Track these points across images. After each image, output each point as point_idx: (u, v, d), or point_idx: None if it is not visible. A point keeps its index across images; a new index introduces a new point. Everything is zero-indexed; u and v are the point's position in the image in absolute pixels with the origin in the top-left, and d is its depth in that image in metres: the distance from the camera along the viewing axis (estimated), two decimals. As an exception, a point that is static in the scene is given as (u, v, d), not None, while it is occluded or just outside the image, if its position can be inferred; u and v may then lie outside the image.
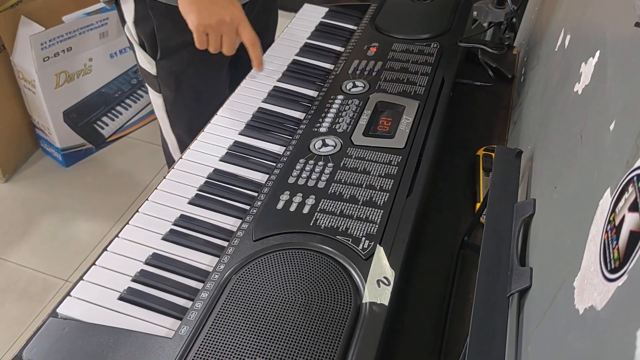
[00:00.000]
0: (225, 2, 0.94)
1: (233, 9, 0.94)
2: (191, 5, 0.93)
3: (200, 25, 0.92)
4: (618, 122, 0.41)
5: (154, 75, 1.09)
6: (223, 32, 0.94)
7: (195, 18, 0.92)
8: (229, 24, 0.93)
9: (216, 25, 0.92)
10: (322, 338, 0.56)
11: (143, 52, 1.07)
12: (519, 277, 0.54)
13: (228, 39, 0.95)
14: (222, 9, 0.93)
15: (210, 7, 0.92)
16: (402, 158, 0.77)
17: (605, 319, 0.33)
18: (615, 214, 0.36)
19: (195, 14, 0.93)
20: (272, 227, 0.68)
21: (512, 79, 1.10)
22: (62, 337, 0.59)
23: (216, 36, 0.94)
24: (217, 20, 0.92)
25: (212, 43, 0.95)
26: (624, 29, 0.47)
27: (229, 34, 0.94)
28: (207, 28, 0.93)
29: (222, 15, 0.92)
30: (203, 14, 0.92)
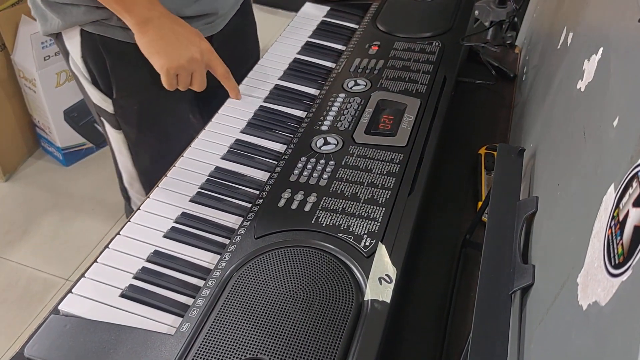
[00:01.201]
0: (191, 37, 0.87)
1: (200, 42, 0.88)
2: (155, 47, 0.86)
3: (171, 68, 0.86)
4: (622, 118, 0.41)
5: (111, 113, 1.01)
6: (194, 70, 0.88)
7: (164, 60, 0.85)
8: (200, 60, 0.87)
9: (187, 65, 0.86)
10: (324, 335, 0.56)
11: (96, 89, 0.98)
12: (521, 275, 0.54)
13: (199, 76, 0.89)
14: (191, 45, 0.86)
15: (177, 45, 0.85)
16: (404, 156, 0.77)
17: (610, 315, 0.33)
18: (619, 209, 0.35)
19: (162, 55, 0.85)
20: (273, 224, 0.67)
21: (514, 77, 1.10)
22: (63, 334, 0.59)
23: (187, 75, 0.88)
24: (187, 59, 0.86)
25: (182, 82, 0.89)
26: (628, 25, 0.47)
27: (200, 71, 0.89)
28: (178, 69, 0.86)
29: (191, 53, 0.86)
30: (171, 55, 0.85)
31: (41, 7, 0.92)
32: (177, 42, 0.85)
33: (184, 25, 0.87)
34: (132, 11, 0.84)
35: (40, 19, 0.93)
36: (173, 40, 0.85)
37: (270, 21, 2.81)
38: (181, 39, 0.85)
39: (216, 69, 0.89)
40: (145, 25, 0.84)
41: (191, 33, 0.87)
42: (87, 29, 0.90)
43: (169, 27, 0.85)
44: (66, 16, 0.89)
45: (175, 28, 0.86)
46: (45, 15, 0.92)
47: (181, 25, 0.87)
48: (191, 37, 0.86)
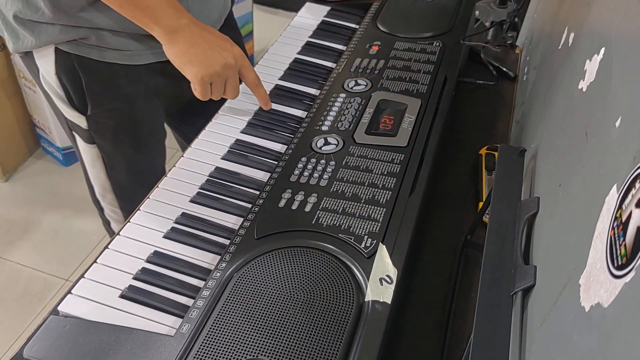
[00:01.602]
0: (222, 43, 0.84)
1: (232, 48, 0.85)
2: (187, 56, 0.82)
3: (206, 76, 0.82)
4: (624, 119, 0.41)
5: (85, 128, 0.98)
6: (228, 76, 0.84)
7: (198, 69, 0.82)
8: (234, 66, 0.84)
9: (222, 71, 0.83)
10: (325, 336, 0.56)
11: (69, 106, 0.94)
12: (522, 276, 0.54)
13: (233, 82, 0.86)
14: (224, 51, 0.83)
15: (209, 52, 0.82)
16: (405, 156, 0.76)
17: (613, 316, 0.32)
18: (622, 210, 0.35)
19: (195, 64, 0.82)
20: (274, 225, 0.67)
21: (515, 77, 1.10)
22: (63, 335, 0.59)
23: (221, 83, 0.85)
24: (221, 66, 0.83)
25: (217, 90, 0.85)
26: (630, 24, 0.47)
27: (234, 77, 0.85)
28: (212, 77, 0.83)
29: (225, 59, 0.83)
30: (205, 63, 0.82)
31: (12, 25, 0.88)
32: (209, 49, 0.82)
33: (213, 31, 0.85)
34: (161, 21, 0.81)
35: (11, 37, 0.90)
36: (205, 47, 0.82)
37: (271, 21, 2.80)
38: (213, 45, 0.83)
39: (247, 76, 0.86)
40: (174, 35, 0.82)
41: (221, 39, 0.85)
42: (63, 47, 0.88)
43: (199, 34, 0.83)
44: (41, 35, 0.86)
45: (205, 35, 0.83)
46: (17, 34, 0.89)
47: (211, 32, 0.85)
48: (222, 43, 0.84)
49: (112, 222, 1.16)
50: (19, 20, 0.87)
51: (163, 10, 0.81)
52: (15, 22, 0.87)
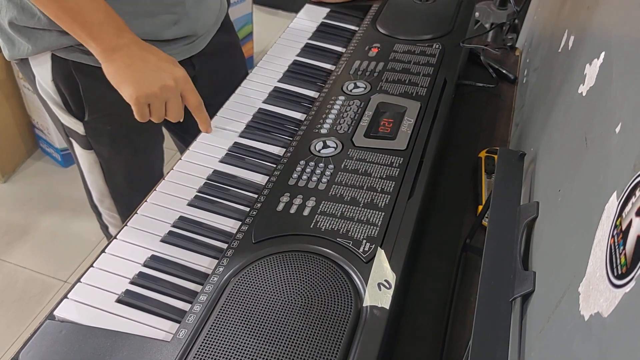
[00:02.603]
0: (165, 64, 0.81)
1: (174, 69, 0.81)
2: (123, 75, 0.79)
3: (141, 97, 0.79)
4: (624, 125, 0.41)
5: (82, 134, 0.97)
6: (168, 98, 0.81)
7: (132, 90, 0.78)
8: (174, 88, 0.80)
9: (160, 93, 0.79)
10: (322, 342, 0.55)
11: (66, 112, 0.94)
12: (521, 281, 0.54)
13: (175, 105, 0.82)
14: (163, 72, 0.80)
15: (148, 73, 0.79)
16: (404, 160, 0.76)
17: (612, 326, 0.32)
18: (622, 218, 0.35)
19: (131, 84, 0.79)
20: (272, 229, 0.67)
21: (515, 80, 1.09)
22: (59, 340, 0.58)
23: (160, 104, 0.81)
24: (160, 87, 0.79)
25: (155, 112, 0.82)
26: (631, 29, 0.46)
27: (175, 99, 0.81)
28: (149, 98, 0.79)
29: (164, 80, 0.79)
30: (141, 83, 0.78)
31: (7, 31, 0.88)
32: (146, 70, 0.79)
33: (156, 52, 0.82)
34: (98, 39, 0.78)
35: (7, 44, 0.89)
36: (142, 67, 0.79)
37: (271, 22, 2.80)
38: (151, 66, 0.80)
39: (189, 99, 0.83)
40: (112, 54, 0.79)
41: (163, 60, 0.81)
42: (59, 54, 0.87)
43: (138, 54, 0.80)
44: (37, 41, 0.86)
45: (145, 55, 0.80)
46: (13, 40, 0.88)
47: (153, 52, 0.82)
48: (163, 64, 0.81)
49: (110, 227, 1.16)
50: (14, 27, 0.86)
51: (102, 28, 0.78)
52: (11, 29, 0.86)
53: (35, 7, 0.82)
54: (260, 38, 2.49)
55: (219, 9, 1.03)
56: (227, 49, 1.08)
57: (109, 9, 0.79)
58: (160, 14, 0.89)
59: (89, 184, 1.08)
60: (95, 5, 0.78)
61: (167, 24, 0.91)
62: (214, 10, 1.01)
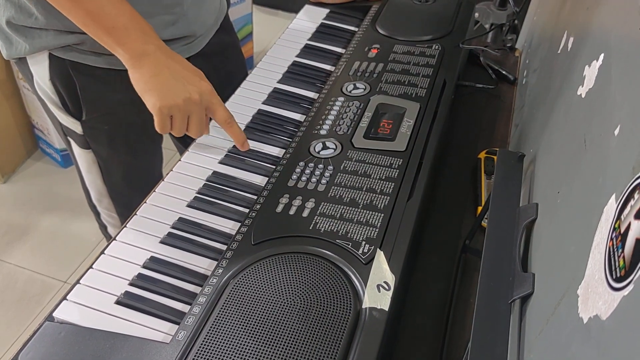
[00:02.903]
0: (191, 76, 0.79)
1: (201, 83, 0.79)
2: (149, 84, 0.77)
3: (164, 107, 0.77)
4: (623, 127, 0.41)
5: (80, 134, 0.96)
6: (191, 112, 0.79)
7: (156, 99, 0.77)
8: (198, 102, 0.78)
9: (183, 106, 0.77)
10: (321, 344, 0.55)
11: (64, 112, 0.93)
12: (521, 283, 0.54)
13: (197, 119, 0.79)
14: (189, 84, 0.78)
15: (173, 83, 0.77)
16: (403, 161, 0.76)
17: (611, 329, 0.32)
18: (620, 221, 0.35)
19: (155, 93, 0.77)
20: (271, 230, 0.67)
21: (515, 81, 1.09)
22: (58, 342, 0.58)
23: (183, 118, 0.79)
24: (184, 99, 0.77)
25: (177, 125, 0.79)
26: (630, 31, 0.46)
27: (198, 114, 0.79)
28: (172, 109, 0.77)
29: (189, 93, 0.77)
30: (166, 94, 0.77)
31: (5, 30, 0.88)
32: (172, 80, 0.77)
33: (182, 62, 0.81)
34: (125, 44, 0.77)
35: (4, 43, 0.89)
36: (168, 77, 0.77)
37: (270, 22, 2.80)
38: (178, 76, 0.78)
39: (216, 113, 0.80)
40: (139, 60, 0.78)
41: (190, 71, 0.80)
42: (57, 53, 0.87)
43: (165, 63, 0.78)
44: (34, 41, 0.86)
45: (172, 65, 0.79)
46: (10, 39, 0.88)
47: (179, 62, 0.80)
48: (189, 76, 0.79)
49: (109, 227, 1.16)
50: (12, 26, 0.86)
51: (128, 33, 0.77)
52: (9, 28, 0.86)
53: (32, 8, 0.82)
54: (260, 38, 2.49)
55: (218, 9, 1.03)
56: (226, 50, 1.08)
57: (133, 12, 0.78)
58: (158, 14, 0.89)
59: (87, 183, 1.08)
60: (119, 9, 0.77)
61: (165, 24, 0.91)
62: (212, 10, 1.01)
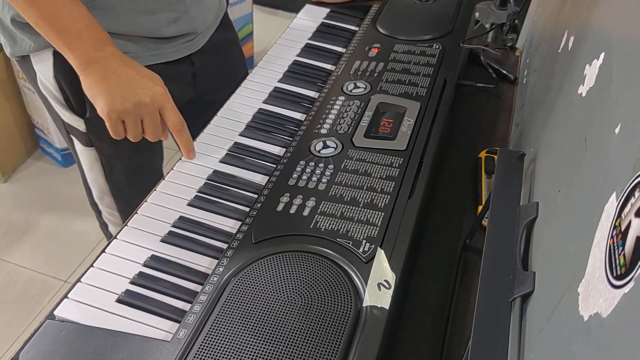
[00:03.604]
0: (144, 80, 0.78)
1: (153, 86, 0.78)
2: (97, 88, 0.76)
3: (112, 112, 0.76)
4: (624, 126, 0.41)
5: (83, 131, 0.96)
6: (143, 115, 0.77)
7: (104, 103, 0.76)
8: (150, 105, 0.77)
9: (133, 110, 0.76)
10: (322, 342, 0.55)
11: (67, 109, 0.93)
12: (521, 282, 0.54)
13: (150, 122, 0.78)
14: (139, 88, 0.77)
15: (122, 88, 0.76)
16: (404, 160, 0.76)
17: (612, 327, 0.32)
18: (621, 219, 0.35)
19: (103, 97, 0.76)
20: (272, 229, 0.67)
21: (515, 80, 1.10)
22: (59, 340, 0.58)
23: (135, 122, 0.78)
24: (133, 103, 0.76)
25: (131, 130, 0.79)
26: (630, 30, 0.47)
27: (151, 118, 0.78)
28: (121, 114, 0.76)
29: (139, 96, 0.76)
30: (114, 98, 0.75)
31: (9, 28, 0.88)
32: (122, 84, 0.76)
33: (136, 67, 0.79)
34: (76, 50, 0.76)
35: (8, 41, 0.89)
36: (118, 82, 0.76)
37: (271, 22, 2.80)
38: (128, 80, 0.77)
39: (168, 118, 0.79)
40: (89, 66, 0.77)
41: (143, 76, 0.78)
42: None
43: (116, 68, 0.77)
44: (39, 38, 0.85)
45: (122, 69, 0.77)
46: (15, 37, 0.88)
47: (132, 67, 0.79)
48: (141, 80, 0.77)
49: (110, 225, 1.16)
50: (16, 24, 0.86)
51: (80, 39, 0.76)
52: (13, 26, 0.86)
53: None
54: (260, 38, 2.49)
55: (218, 7, 1.03)
56: (226, 46, 1.09)
57: (90, 19, 0.77)
58: (160, 11, 0.89)
59: (89, 181, 1.08)
60: (74, 14, 0.76)
61: (168, 21, 0.91)
62: (213, 8, 1.01)
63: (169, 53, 0.94)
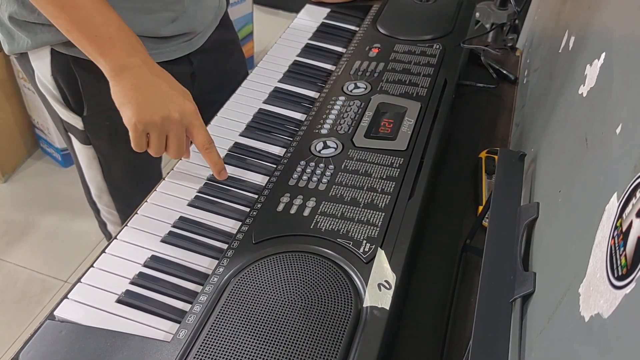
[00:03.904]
0: (175, 94, 0.75)
1: (184, 102, 0.75)
2: (127, 96, 0.74)
3: (139, 123, 0.73)
4: (625, 126, 0.41)
5: (81, 129, 0.95)
6: (169, 131, 0.74)
7: (132, 113, 0.73)
8: (178, 121, 0.74)
9: (160, 123, 0.73)
10: (322, 342, 0.55)
11: (65, 107, 0.92)
12: (522, 282, 0.54)
13: (176, 139, 0.75)
14: (170, 102, 0.74)
15: (152, 99, 0.73)
16: (404, 160, 0.76)
17: (613, 328, 0.32)
18: (622, 219, 0.35)
19: (132, 107, 0.73)
20: (272, 229, 0.67)
21: (515, 80, 1.09)
22: (59, 340, 0.58)
23: (159, 136, 0.74)
24: (162, 117, 0.73)
25: (154, 144, 0.75)
26: (631, 30, 0.46)
27: (176, 134, 0.75)
28: (147, 126, 0.73)
29: (168, 111, 0.73)
30: (143, 108, 0.73)
31: (7, 25, 0.87)
32: (153, 95, 0.73)
33: (168, 79, 0.77)
34: (108, 55, 0.74)
35: (6, 38, 0.89)
36: (149, 93, 0.73)
37: (271, 22, 2.80)
38: (159, 92, 0.74)
39: (196, 136, 0.76)
40: (120, 72, 0.74)
41: (175, 90, 0.76)
42: (59, 49, 0.86)
43: (148, 78, 0.75)
44: (37, 36, 0.85)
45: (155, 80, 0.75)
46: (12, 34, 0.88)
47: (164, 78, 0.76)
48: (173, 94, 0.75)
49: (109, 224, 1.16)
50: (14, 21, 0.86)
51: (112, 44, 0.74)
52: (11, 23, 0.86)
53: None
54: (261, 38, 2.49)
55: (217, 6, 1.03)
56: (226, 46, 1.08)
57: (122, 23, 0.76)
58: (159, 11, 0.89)
59: (87, 179, 1.08)
60: (106, 18, 0.75)
61: (166, 21, 0.91)
62: (212, 7, 1.01)
63: (168, 52, 0.94)
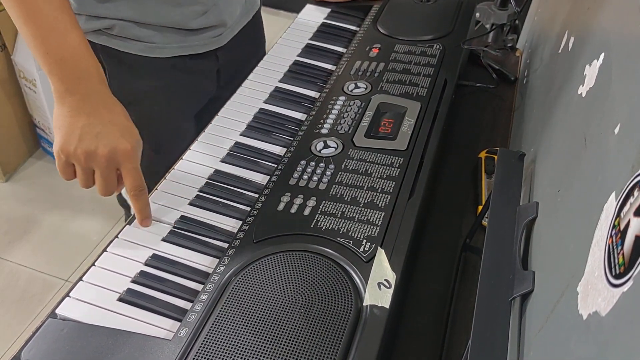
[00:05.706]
0: (111, 129, 0.69)
1: (118, 140, 0.69)
2: (59, 121, 0.69)
3: (62, 152, 0.69)
4: (623, 126, 0.41)
5: None
6: (95, 167, 0.70)
7: (58, 140, 0.69)
8: (104, 158, 0.69)
9: (84, 158, 0.69)
10: (322, 341, 0.56)
11: None
12: (521, 281, 0.54)
13: (101, 177, 0.71)
14: (103, 137, 0.68)
15: (83, 130, 0.68)
16: (404, 160, 0.76)
17: (610, 326, 0.32)
18: (620, 218, 0.35)
19: (61, 134, 0.69)
20: (272, 229, 0.67)
21: (515, 81, 1.10)
22: (60, 338, 0.59)
23: (84, 170, 0.71)
24: (85, 151, 0.68)
25: (79, 177, 0.72)
26: (630, 30, 0.47)
27: (102, 172, 0.70)
28: (70, 157, 0.69)
29: (95, 147, 0.68)
30: (69, 139, 0.68)
31: None
32: (85, 127, 0.69)
33: (116, 112, 0.72)
34: (55, 76, 0.70)
35: None
36: (84, 124, 0.69)
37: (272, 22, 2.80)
38: (94, 125, 0.69)
39: (125, 179, 0.71)
40: (63, 97, 0.70)
41: (115, 124, 0.70)
42: (88, 37, 0.83)
43: (89, 108, 0.70)
44: None
45: (97, 112, 0.70)
46: None
47: (112, 112, 0.71)
48: (109, 129, 0.69)
49: None
50: None
51: (61, 67, 0.70)
52: None
53: None
54: (261, 38, 2.49)
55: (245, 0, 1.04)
56: (251, 47, 1.10)
57: (80, 48, 0.71)
58: (189, 4, 0.90)
59: None
60: (62, 40, 0.70)
61: (196, 14, 0.92)
62: (240, 1, 1.02)
63: (196, 46, 0.94)
